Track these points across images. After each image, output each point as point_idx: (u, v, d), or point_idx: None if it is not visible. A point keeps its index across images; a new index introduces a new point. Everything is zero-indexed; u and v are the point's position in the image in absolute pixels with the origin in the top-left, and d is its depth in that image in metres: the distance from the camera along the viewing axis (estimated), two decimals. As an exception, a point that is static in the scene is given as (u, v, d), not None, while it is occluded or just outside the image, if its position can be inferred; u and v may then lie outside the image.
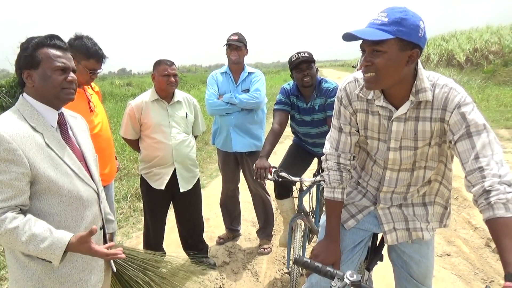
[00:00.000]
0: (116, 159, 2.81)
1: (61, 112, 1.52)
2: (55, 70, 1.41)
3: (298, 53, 2.72)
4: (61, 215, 1.42)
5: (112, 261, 1.76)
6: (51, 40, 1.43)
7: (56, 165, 1.40)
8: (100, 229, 1.60)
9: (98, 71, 2.38)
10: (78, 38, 2.30)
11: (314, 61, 2.75)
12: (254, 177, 2.60)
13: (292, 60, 2.74)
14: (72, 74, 1.47)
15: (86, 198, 1.49)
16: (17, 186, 1.30)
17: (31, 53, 1.40)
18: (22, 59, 1.41)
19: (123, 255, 1.46)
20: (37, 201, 1.38)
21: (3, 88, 9.72)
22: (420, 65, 1.43)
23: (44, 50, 1.41)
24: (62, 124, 1.52)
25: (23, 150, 1.31)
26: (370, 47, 1.35)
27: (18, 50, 1.46)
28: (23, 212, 1.34)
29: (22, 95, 1.45)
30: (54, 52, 1.42)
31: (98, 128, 2.40)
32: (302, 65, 2.70)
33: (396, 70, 1.35)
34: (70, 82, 1.45)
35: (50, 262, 1.33)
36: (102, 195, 1.65)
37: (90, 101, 2.41)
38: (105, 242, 1.65)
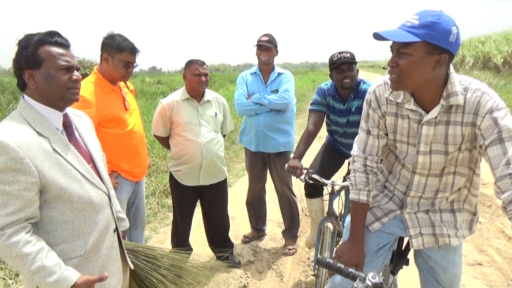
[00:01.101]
0: (148, 155, 2.88)
1: (65, 113, 1.45)
2: (59, 69, 1.33)
3: (340, 53, 2.64)
4: (74, 222, 1.37)
5: (128, 258, 1.74)
6: (52, 37, 1.34)
7: (65, 171, 1.34)
8: (114, 231, 1.56)
9: (133, 64, 2.43)
10: (110, 37, 2.39)
11: (355, 62, 2.66)
12: (288, 172, 2.58)
13: (333, 60, 2.65)
14: (76, 72, 1.39)
15: (98, 202, 1.44)
16: (26, 196, 1.23)
17: (33, 52, 1.31)
18: (23, 58, 1.31)
19: None
20: (47, 209, 1.32)
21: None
22: (452, 69, 1.41)
23: (46, 48, 1.32)
24: (67, 126, 1.45)
25: (31, 158, 1.24)
26: (397, 49, 1.36)
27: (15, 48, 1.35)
28: (33, 232, 1.29)
29: (23, 98, 1.36)
30: (57, 50, 1.34)
31: (131, 125, 2.47)
32: (343, 66, 2.62)
33: (421, 74, 1.35)
34: (75, 81, 1.38)
35: None
36: (112, 193, 1.60)
37: (125, 99, 2.48)
38: (119, 242, 1.62)
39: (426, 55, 1.31)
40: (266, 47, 3.27)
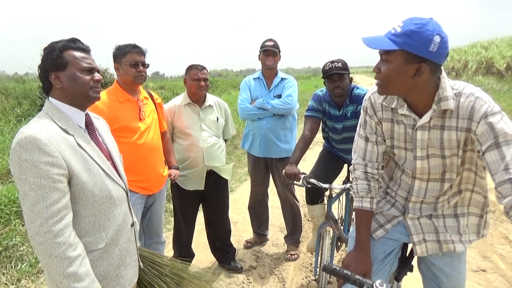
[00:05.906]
0: (170, 168, 2.73)
1: (87, 113, 1.55)
2: (82, 70, 1.44)
3: (332, 62, 2.68)
4: (95, 215, 1.44)
5: (139, 257, 1.77)
6: (75, 43, 1.47)
7: (88, 166, 1.42)
8: (131, 226, 1.62)
9: (143, 63, 2.40)
10: (115, 48, 2.43)
11: (348, 72, 2.70)
12: (287, 177, 2.59)
13: (325, 69, 2.70)
14: (97, 74, 1.50)
15: (117, 197, 1.51)
16: (60, 188, 1.31)
17: (58, 55, 1.42)
18: (49, 62, 1.43)
19: None
20: (72, 204, 1.38)
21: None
22: (443, 74, 1.41)
23: (70, 52, 1.44)
24: (89, 125, 1.55)
25: (60, 151, 1.32)
26: (381, 55, 1.38)
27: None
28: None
29: (48, 99, 1.47)
30: (80, 54, 1.46)
31: (143, 136, 2.41)
32: (334, 76, 2.67)
33: (401, 81, 1.36)
34: (97, 81, 1.49)
35: None
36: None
37: (141, 109, 2.45)
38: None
39: (405, 64, 1.32)
40: (272, 52, 3.28)
